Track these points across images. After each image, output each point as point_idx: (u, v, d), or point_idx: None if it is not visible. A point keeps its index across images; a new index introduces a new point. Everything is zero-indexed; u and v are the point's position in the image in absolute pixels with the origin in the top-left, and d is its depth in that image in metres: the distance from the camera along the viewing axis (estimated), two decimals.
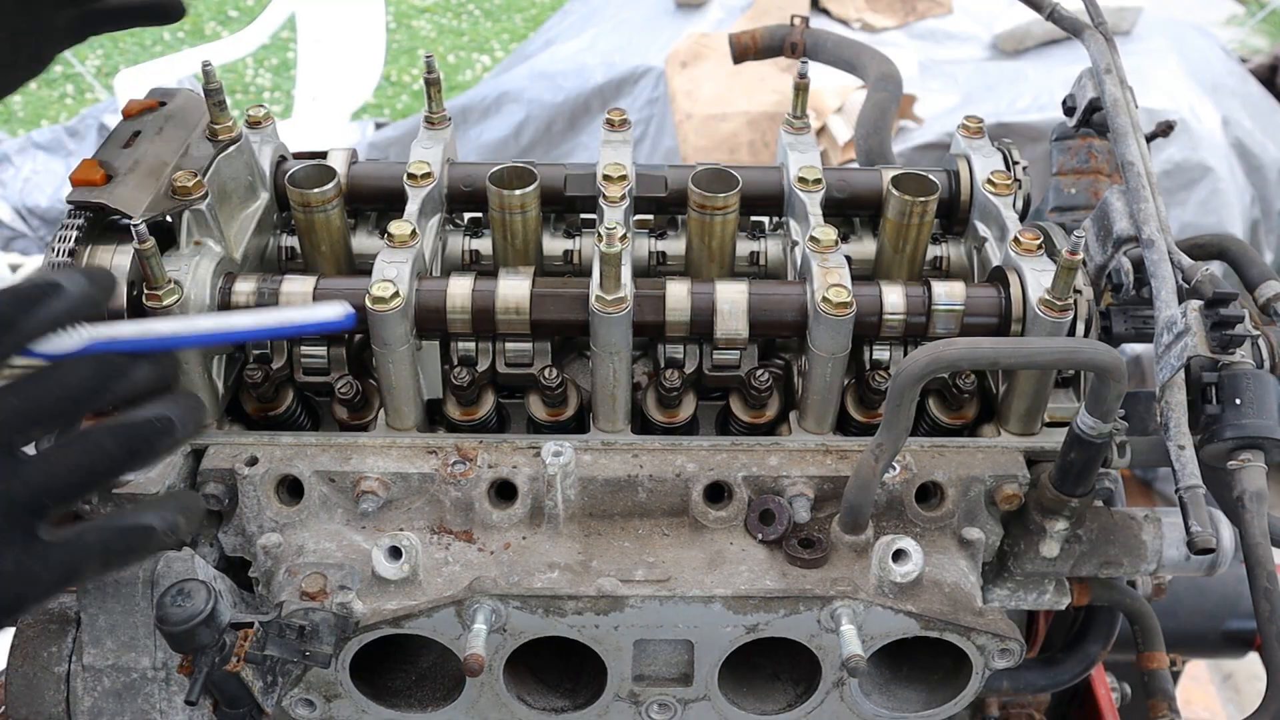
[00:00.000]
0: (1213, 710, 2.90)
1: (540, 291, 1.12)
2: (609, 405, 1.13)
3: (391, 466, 1.09)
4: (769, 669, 1.12)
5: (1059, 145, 1.57)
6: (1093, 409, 0.98)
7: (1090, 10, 1.37)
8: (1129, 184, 1.19)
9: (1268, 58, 5.26)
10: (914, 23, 4.57)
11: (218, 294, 1.12)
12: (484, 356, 1.17)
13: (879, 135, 1.65)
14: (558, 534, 1.08)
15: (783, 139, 1.33)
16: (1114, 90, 1.28)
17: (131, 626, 1.03)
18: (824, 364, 1.10)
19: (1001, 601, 1.16)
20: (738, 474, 1.09)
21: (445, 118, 1.32)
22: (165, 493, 1.00)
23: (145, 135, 1.18)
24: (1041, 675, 1.33)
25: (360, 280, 1.12)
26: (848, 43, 1.78)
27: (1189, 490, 0.99)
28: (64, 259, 1.07)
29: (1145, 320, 1.23)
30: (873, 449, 1.00)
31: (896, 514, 1.10)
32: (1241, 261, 1.25)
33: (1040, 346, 0.99)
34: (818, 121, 3.99)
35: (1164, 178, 3.96)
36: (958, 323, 1.13)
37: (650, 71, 4.40)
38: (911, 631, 1.03)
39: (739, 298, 1.12)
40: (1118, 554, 1.13)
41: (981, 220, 1.26)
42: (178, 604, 0.92)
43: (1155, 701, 1.34)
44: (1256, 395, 1.03)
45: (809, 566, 1.04)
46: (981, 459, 1.11)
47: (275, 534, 1.07)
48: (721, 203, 1.17)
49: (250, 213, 1.23)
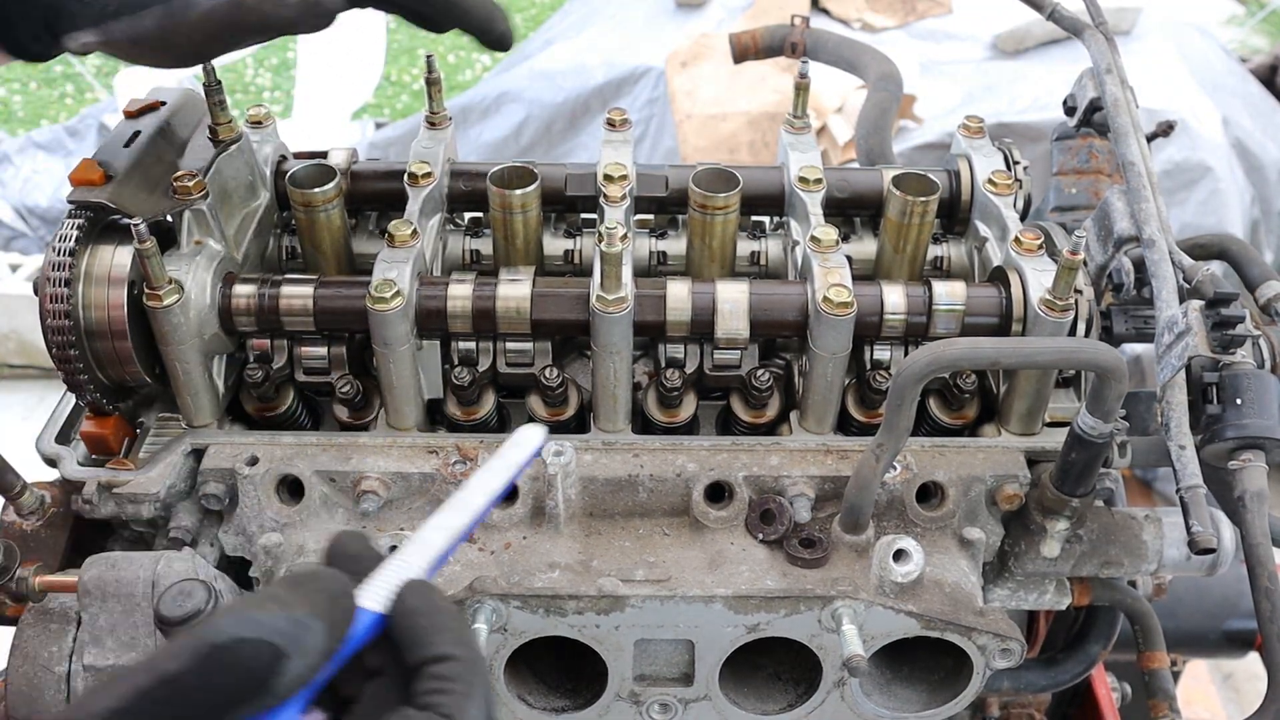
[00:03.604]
0: (1213, 710, 2.89)
1: (541, 291, 1.12)
2: (610, 405, 1.13)
3: (392, 466, 1.09)
4: (770, 669, 1.12)
5: (1059, 145, 1.57)
6: (1093, 409, 0.98)
7: (1090, 10, 1.37)
8: (1130, 184, 1.19)
9: (1268, 58, 5.26)
10: (914, 23, 4.57)
11: (218, 294, 1.12)
12: (484, 356, 1.17)
13: (879, 135, 1.65)
14: (558, 534, 1.08)
15: (783, 139, 1.33)
16: (1114, 90, 1.28)
17: (131, 626, 1.03)
18: (825, 364, 1.10)
19: (1002, 601, 1.16)
20: (738, 474, 1.09)
21: (446, 118, 1.32)
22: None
23: (145, 135, 1.17)
24: (1042, 675, 1.33)
25: (361, 280, 1.12)
26: (848, 43, 1.78)
27: (1190, 490, 0.99)
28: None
29: (1146, 320, 1.23)
30: (873, 449, 1.00)
31: (897, 514, 1.10)
32: (1242, 261, 1.25)
33: (1041, 346, 0.99)
34: (818, 121, 3.99)
35: (1164, 178, 3.96)
36: (958, 323, 1.13)
37: (650, 71, 4.40)
38: (912, 631, 1.03)
39: (740, 297, 1.12)
40: (1118, 554, 1.13)
41: (982, 220, 1.26)
42: (178, 604, 0.92)
43: (1156, 701, 1.34)
44: (1257, 395, 1.03)
45: (810, 566, 1.04)
46: (982, 459, 1.11)
47: (276, 534, 1.07)
48: (722, 203, 1.17)
49: (250, 212, 1.23)
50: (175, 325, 1.07)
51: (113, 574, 1.02)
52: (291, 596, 0.61)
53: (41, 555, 1.12)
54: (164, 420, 1.17)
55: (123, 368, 1.11)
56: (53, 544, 1.14)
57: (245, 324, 1.13)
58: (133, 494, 1.08)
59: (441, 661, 0.65)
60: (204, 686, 0.59)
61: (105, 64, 6.91)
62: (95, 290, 1.09)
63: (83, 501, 1.09)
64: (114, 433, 1.13)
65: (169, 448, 1.12)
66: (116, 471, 1.11)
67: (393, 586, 0.68)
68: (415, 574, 0.70)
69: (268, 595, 0.62)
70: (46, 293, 1.07)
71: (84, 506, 1.10)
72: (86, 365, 1.09)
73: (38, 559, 1.11)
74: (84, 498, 1.09)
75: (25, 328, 4.38)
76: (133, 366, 1.11)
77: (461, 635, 0.67)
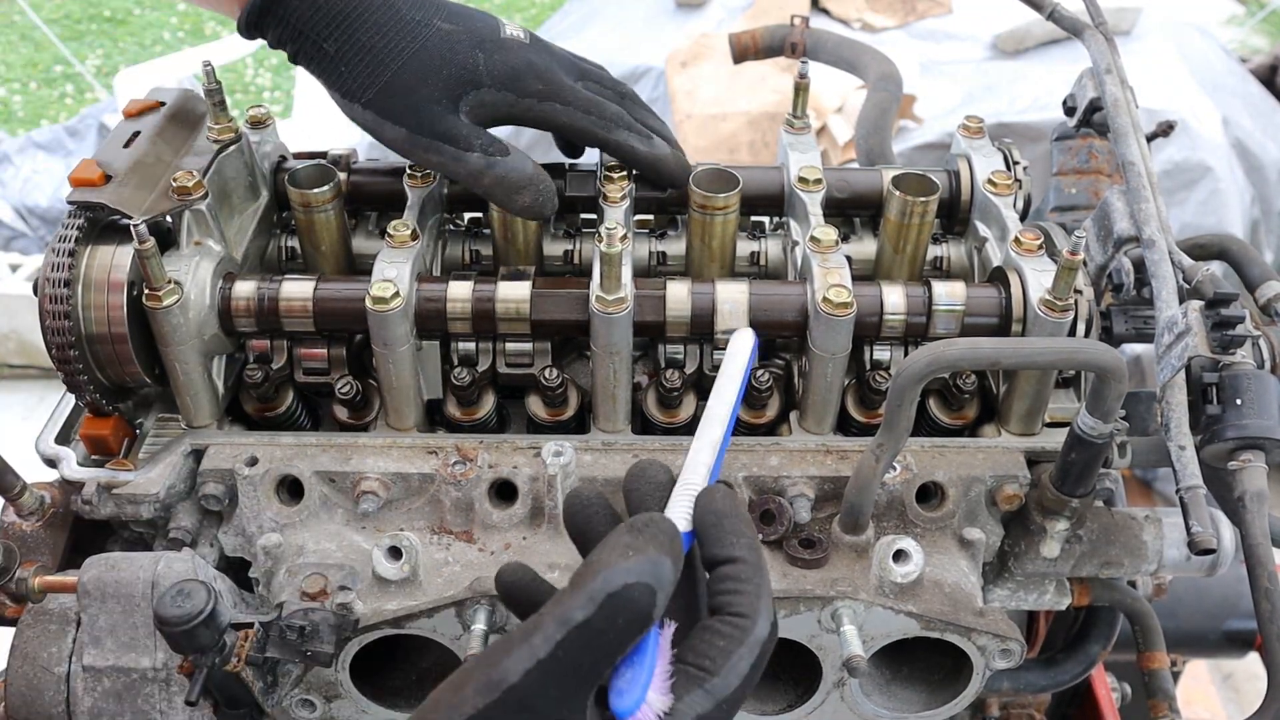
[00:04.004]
0: (1213, 710, 2.90)
1: (540, 292, 1.12)
2: (609, 405, 1.13)
3: (391, 466, 1.09)
4: (769, 669, 1.11)
5: (1059, 145, 1.57)
6: (1093, 409, 0.98)
7: (1090, 10, 1.37)
8: (1129, 184, 1.19)
9: (1268, 58, 5.26)
10: (914, 23, 4.57)
11: (218, 294, 1.12)
12: (484, 356, 1.17)
13: (879, 135, 1.64)
14: (558, 534, 1.08)
15: (783, 139, 1.33)
16: (1114, 90, 1.28)
17: (131, 627, 1.03)
18: (824, 364, 1.10)
19: (1002, 601, 1.16)
20: (738, 474, 1.09)
21: None
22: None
23: (145, 135, 1.17)
24: (1042, 675, 1.33)
25: (360, 280, 1.12)
26: (848, 43, 1.78)
27: (1190, 490, 0.98)
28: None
29: (1146, 320, 1.23)
30: (873, 449, 1.00)
31: (897, 514, 1.10)
32: (1242, 261, 1.25)
33: (1041, 347, 0.99)
34: (818, 121, 3.99)
35: (1164, 178, 3.96)
36: (958, 323, 1.13)
37: (650, 71, 4.40)
38: (912, 632, 1.03)
39: (739, 298, 1.12)
40: (1118, 554, 1.13)
41: (982, 220, 1.26)
42: (178, 604, 0.92)
43: (1156, 701, 1.33)
44: (1257, 395, 1.03)
45: (809, 567, 1.04)
46: (982, 459, 1.11)
47: (275, 534, 1.07)
48: (722, 203, 1.17)
49: (250, 213, 1.23)
50: (175, 326, 1.07)
51: (112, 574, 1.02)
52: (641, 542, 0.71)
53: (41, 556, 1.12)
54: (164, 421, 1.17)
55: (122, 368, 1.11)
56: (52, 545, 1.14)
57: (245, 324, 1.13)
58: (132, 494, 1.08)
59: (733, 563, 0.75)
60: (608, 628, 0.68)
61: (105, 64, 6.92)
62: (95, 291, 1.09)
63: (82, 502, 1.09)
64: (114, 433, 1.13)
65: (169, 448, 1.12)
66: (116, 472, 1.11)
67: (689, 503, 0.79)
68: (702, 485, 0.81)
69: (623, 545, 0.71)
70: (46, 293, 1.07)
71: (84, 507, 1.10)
72: (86, 366, 1.09)
73: (37, 560, 1.11)
74: (84, 498, 1.09)
75: (25, 328, 4.38)
76: (132, 367, 1.11)
77: (751, 541, 0.76)
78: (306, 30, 1.09)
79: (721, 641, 0.72)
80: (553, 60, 1.16)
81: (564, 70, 1.17)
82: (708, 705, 0.70)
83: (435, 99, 1.09)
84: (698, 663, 0.72)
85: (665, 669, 0.72)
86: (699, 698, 0.70)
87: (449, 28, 1.11)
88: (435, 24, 1.10)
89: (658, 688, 0.71)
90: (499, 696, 0.67)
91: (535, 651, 0.67)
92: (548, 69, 1.14)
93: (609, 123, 1.17)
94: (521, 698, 0.67)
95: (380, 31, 1.09)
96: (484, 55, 1.11)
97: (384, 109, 1.09)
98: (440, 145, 1.10)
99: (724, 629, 0.73)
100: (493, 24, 1.15)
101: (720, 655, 0.71)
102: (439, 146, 1.10)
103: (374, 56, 1.09)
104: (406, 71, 1.09)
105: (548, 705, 0.68)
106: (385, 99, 1.09)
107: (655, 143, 1.20)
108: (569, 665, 0.68)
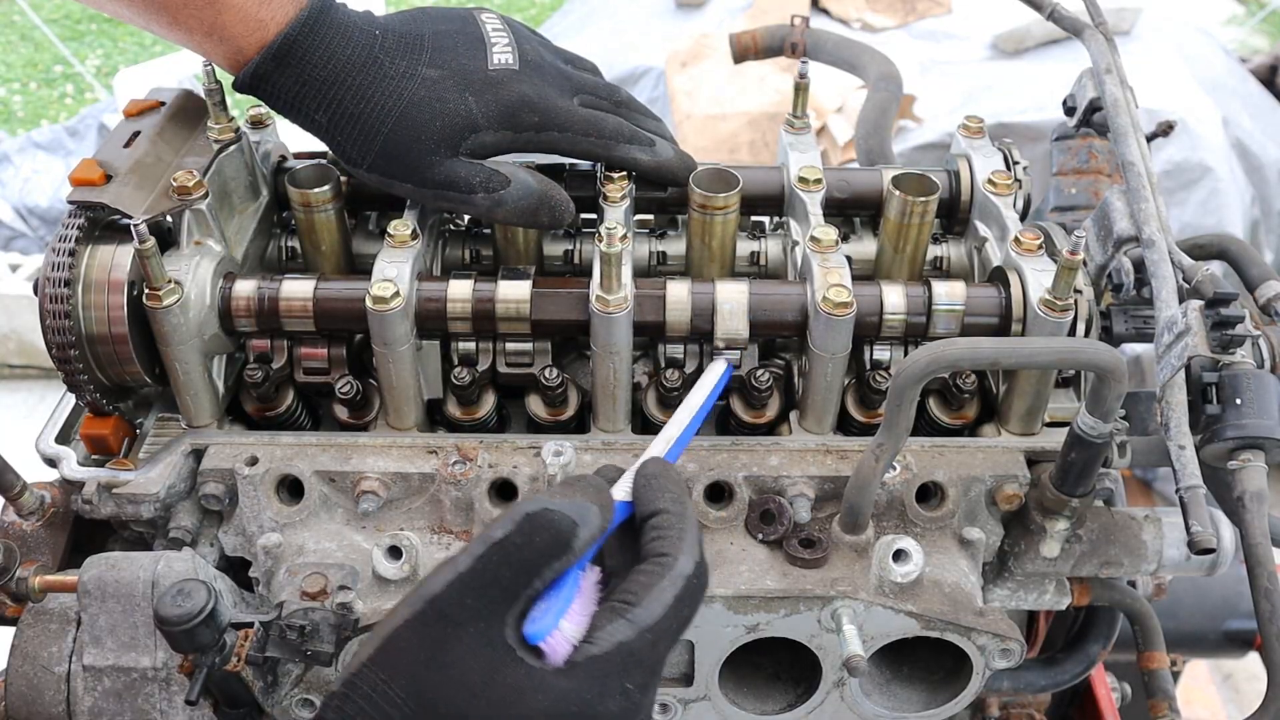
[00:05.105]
0: (1213, 710, 2.90)
1: (540, 291, 1.12)
2: (609, 405, 1.13)
3: (392, 466, 1.09)
4: (769, 669, 1.12)
5: (1059, 145, 1.57)
6: (1093, 409, 0.98)
7: (1090, 10, 1.36)
8: (1129, 184, 1.19)
9: (1268, 58, 5.27)
10: (914, 23, 4.57)
11: (218, 294, 1.12)
12: (484, 356, 1.17)
13: (879, 135, 1.65)
14: None
15: (783, 139, 1.33)
16: (1114, 90, 1.28)
17: (131, 626, 1.03)
18: (824, 364, 1.10)
19: (1002, 601, 1.16)
20: (738, 474, 1.09)
21: None
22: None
23: (145, 135, 1.17)
24: (1042, 675, 1.33)
25: (360, 280, 1.12)
26: (848, 43, 1.78)
27: (1189, 490, 0.98)
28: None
29: (1145, 320, 1.23)
30: (873, 449, 1.00)
31: (897, 514, 1.10)
32: (1242, 261, 1.25)
33: (1040, 346, 0.99)
34: (818, 121, 4.00)
35: (1164, 178, 3.96)
36: (958, 323, 1.13)
37: (650, 71, 4.40)
38: (912, 631, 1.03)
39: (739, 298, 1.12)
40: (1118, 554, 1.13)
41: (982, 220, 1.26)
42: (178, 604, 0.92)
43: (1155, 701, 1.33)
44: (1257, 395, 1.03)
45: (809, 566, 1.04)
46: (982, 459, 1.11)
47: (275, 534, 1.07)
48: (722, 203, 1.17)
49: (250, 213, 1.23)
50: (175, 325, 1.07)
51: (112, 574, 1.02)
52: (570, 491, 0.77)
53: (41, 556, 1.12)
54: (164, 420, 1.17)
55: (123, 368, 1.11)
56: (52, 544, 1.14)
57: (245, 324, 1.13)
58: (133, 494, 1.08)
59: (657, 514, 0.80)
60: (526, 544, 0.73)
61: (105, 64, 6.92)
62: (95, 291, 1.09)
63: (83, 502, 1.09)
64: (114, 433, 1.13)
65: (169, 448, 1.12)
66: (116, 472, 1.11)
67: (632, 477, 0.85)
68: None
69: (551, 491, 0.77)
70: (46, 293, 1.07)
71: (84, 507, 1.10)
72: (86, 366, 1.10)
73: (37, 559, 1.11)
74: (84, 498, 1.09)
75: (25, 328, 4.38)
76: (132, 367, 1.11)
77: (676, 494, 0.82)
78: (296, 104, 1.09)
79: (643, 578, 0.76)
80: (544, 84, 1.15)
81: (557, 92, 1.16)
82: (629, 633, 0.74)
83: (432, 151, 1.09)
84: (621, 598, 0.76)
85: (591, 610, 0.76)
86: (620, 626, 0.74)
87: (435, 74, 1.10)
88: (420, 72, 1.09)
89: (579, 623, 0.74)
90: (422, 608, 0.72)
91: (457, 566, 0.73)
92: (541, 98, 1.13)
93: (609, 140, 1.17)
94: (442, 608, 0.72)
95: (365, 97, 1.08)
96: (475, 98, 1.10)
97: (386, 170, 1.11)
98: (445, 193, 1.11)
99: (647, 567, 0.77)
100: (480, 55, 1.13)
101: (642, 589, 0.75)
102: (445, 195, 1.11)
103: (364, 123, 1.09)
104: (399, 131, 1.09)
105: (465, 615, 0.72)
106: (385, 162, 1.10)
107: (657, 149, 1.20)
108: (488, 579, 0.72)
